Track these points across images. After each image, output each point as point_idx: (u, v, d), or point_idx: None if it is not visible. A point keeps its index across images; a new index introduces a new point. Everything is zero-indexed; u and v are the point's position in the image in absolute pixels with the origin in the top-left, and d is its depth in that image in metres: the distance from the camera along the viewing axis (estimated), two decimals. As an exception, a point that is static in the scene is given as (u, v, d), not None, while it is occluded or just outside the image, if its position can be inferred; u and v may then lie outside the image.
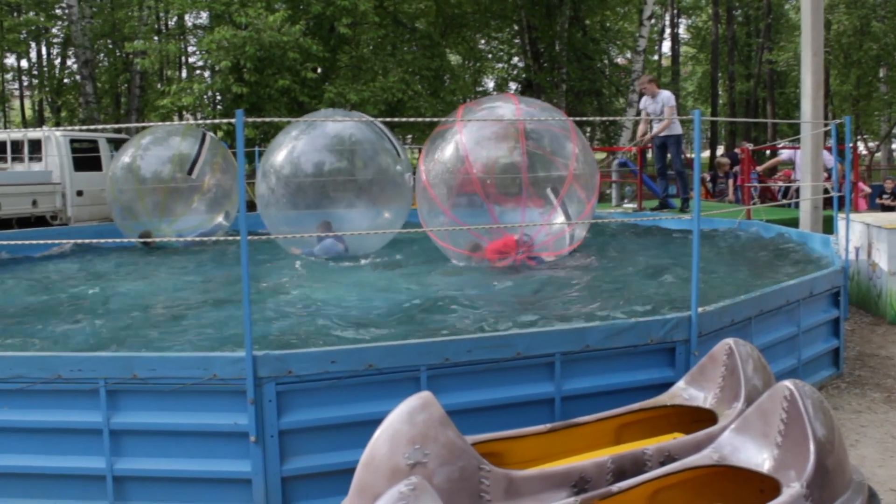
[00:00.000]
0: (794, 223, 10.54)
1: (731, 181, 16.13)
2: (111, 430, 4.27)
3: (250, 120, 4.50)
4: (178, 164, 11.86)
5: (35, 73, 34.28)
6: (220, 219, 12.17)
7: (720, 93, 38.35)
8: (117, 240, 11.36)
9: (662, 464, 3.63)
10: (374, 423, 3.53)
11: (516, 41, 32.29)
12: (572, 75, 28.54)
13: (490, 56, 34.89)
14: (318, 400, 4.24)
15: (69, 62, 32.08)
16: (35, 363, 4.29)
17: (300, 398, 4.22)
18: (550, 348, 4.50)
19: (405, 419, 3.36)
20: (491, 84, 37.47)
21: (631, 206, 14.07)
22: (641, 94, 13.33)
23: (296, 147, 10.41)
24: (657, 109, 12.28)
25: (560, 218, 8.78)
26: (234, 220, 12.25)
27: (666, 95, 12.23)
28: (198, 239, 11.10)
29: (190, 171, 11.85)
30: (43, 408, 4.33)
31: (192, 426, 4.25)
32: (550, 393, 4.54)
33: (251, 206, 12.46)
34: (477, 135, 9.15)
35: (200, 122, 5.70)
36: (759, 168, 15.52)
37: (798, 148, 13.04)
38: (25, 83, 35.81)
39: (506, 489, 3.38)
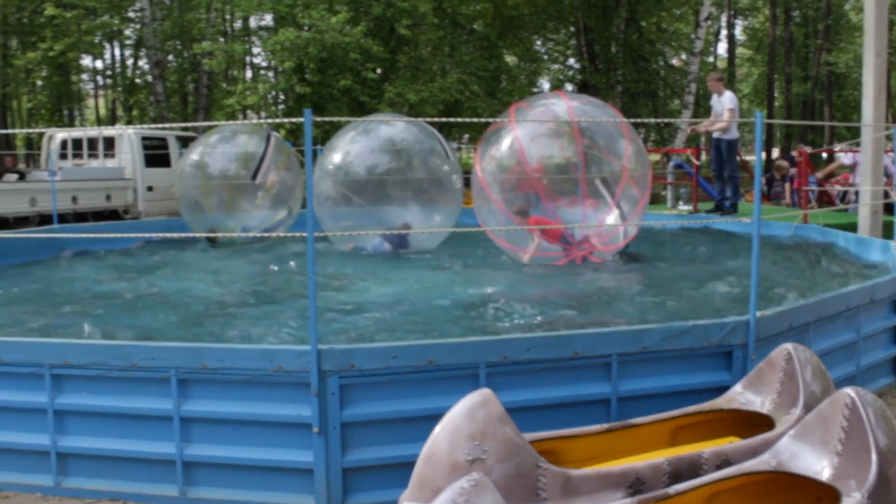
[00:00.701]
0: (852, 228, 10.37)
1: (787, 184, 15.91)
2: (181, 417, 4.43)
3: (316, 119, 4.62)
4: (243, 163, 12.19)
5: (109, 73, 35.21)
6: (283, 215, 12.47)
7: (776, 95, 37.72)
8: (184, 234, 11.66)
9: (719, 467, 3.62)
10: (434, 418, 3.61)
11: (572, 42, 32.25)
12: (628, 76, 28.45)
13: (546, 57, 34.83)
14: (380, 394, 4.33)
15: (141, 63, 32.89)
16: (111, 351, 4.48)
17: (362, 392, 4.32)
18: (608, 349, 4.53)
19: (465, 415, 3.41)
20: (547, 85, 37.40)
21: (686, 208, 13.97)
22: (692, 92, 13.21)
23: (351, 149, 10.71)
24: (719, 109, 12.16)
25: (615, 213, 8.81)
26: (296, 216, 12.53)
27: (728, 97, 12.05)
28: (261, 235, 11.35)
29: (254, 177, 12.17)
30: (118, 394, 4.51)
31: (257, 416, 4.37)
32: (607, 393, 4.57)
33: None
34: (531, 133, 9.20)
35: (267, 121, 5.91)
36: (818, 174, 15.27)
37: (857, 151, 12.82)
38: (100, 83, 36.76)
39: (562, 487, 3.42)
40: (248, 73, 31.17)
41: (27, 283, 8.75)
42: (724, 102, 12.01)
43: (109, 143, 16.30)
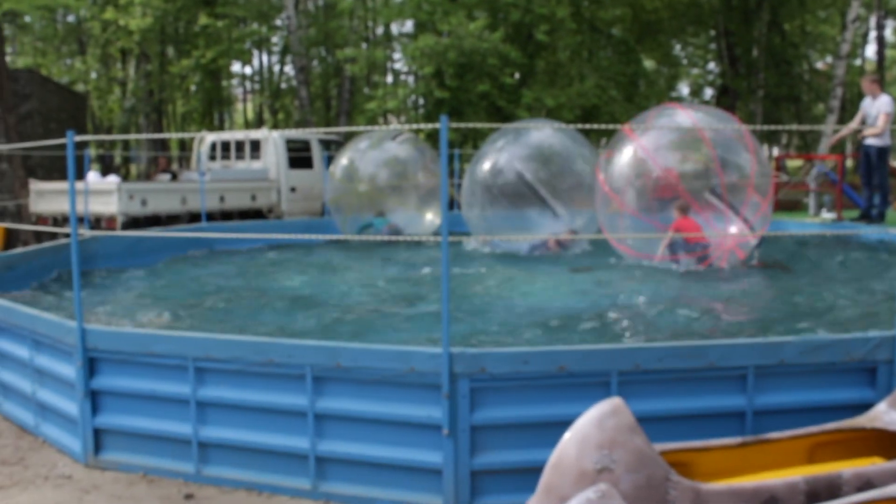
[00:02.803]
0: None
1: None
2: (315, 413, 4.56)
3: (453, 125, 4.67)
4: (392, 167, 12.68)
5: (257, 79, 36.63)
6: (429, 217, 12.78)
7: (929, 98, 35.57)
8: (332, 236, 11.99)
9: (859, 490, 3.46)
10: (563, 424, 3.59)
11: (712, 46, 31.49)
12: (770, 81, 27.54)
13: (685, 61, 34.11)
14: (510, 398, 4.34)
15: (286, 68, 34.06)
16: (251, 347, 4.65)
17: (492, 395, 4.34)
18: (744, 361, 4.41)
19: (595, 424, 3.38)
20: (686, 90, 36.65)
21: (830, 216, 13.39)
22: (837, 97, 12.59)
23: (500, 155, 10.95)
24: (873, 113, 11.49)
25: (737, 221, 8.70)
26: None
27: (884, 100, 11.34)
28: (399, 237, 11.58)
29: (394, 138, 12.72)
30: (256, 388, 4.69)
31: (388, 415, 4.46)
32: (741, 406, 4.45)
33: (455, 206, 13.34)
34: (657, 143, 9.21)
35: (405, 125, 6.17)
36: None
37: None
38: (248, 88, 38.30)
39: (692, 502, 3.34)
40: (389, 78, 31.78)
41: (176, 279, 9.19)
42: (881, 106, 11.33)
43: (256, 145, 16.83)
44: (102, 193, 12.99)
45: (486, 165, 11.12)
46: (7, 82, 16.77)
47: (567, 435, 3.43)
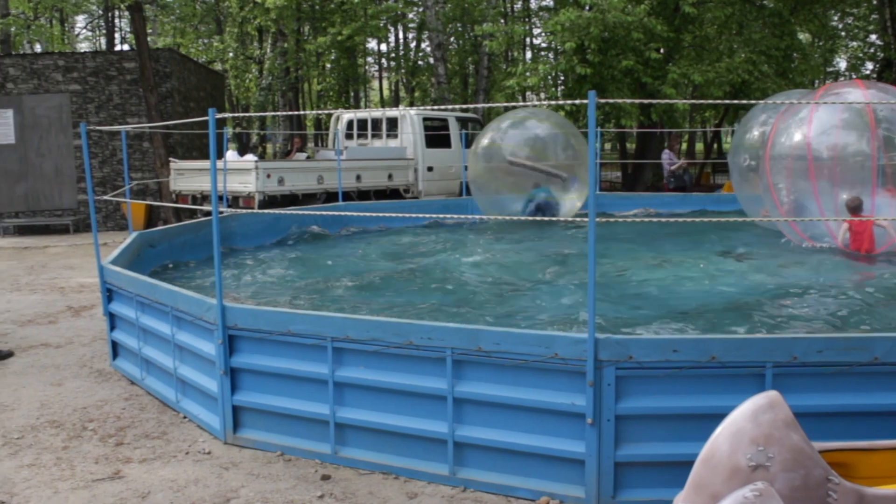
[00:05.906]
0: None
1: None
2: (454, 397, 4.49)
3: (600, 101, 4.50)
4: (534, 146, 12.55)
5: (393, 56, 36.98)
6: (573, 197, 12.60)
7: None
8: (472, 216, 12.00)
9: None
10: (713, 417, 3.42)
11: (874, 17, 29.66)
12: (941, 54, 25.72)
13: (844, 34, 32.32)
14: (657, 388, 4.17)
15: (423, 45, 34.23)
16: (390, 328, 4.63)
17: (639, 384, 4.18)
18: (914, 356, 4.08)
19: (749, 417, 3.19)
20: (843, 64, 34.80)
21: None
22: None
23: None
24: None
25: None
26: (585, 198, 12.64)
27: None
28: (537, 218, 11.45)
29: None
30: (394, 370, 4.66)
31: (530, 402, 4.34)
32: (911, 405, 4.13)
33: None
34: (824, 122, 8.71)
35: (546, 102, 6.07)
36: None
37: None
38: (384, 65, 38.74)
39: (854, 506, 3.14)
40: (528, 55, 31.50)
41: (314, 258, 9.34)
42: None
43: (392, 123, 16.89)
44: (240, 172, 13.27)
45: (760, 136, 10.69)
46: (149, 62, 17.50)
47: (719, 428, 3.25)
